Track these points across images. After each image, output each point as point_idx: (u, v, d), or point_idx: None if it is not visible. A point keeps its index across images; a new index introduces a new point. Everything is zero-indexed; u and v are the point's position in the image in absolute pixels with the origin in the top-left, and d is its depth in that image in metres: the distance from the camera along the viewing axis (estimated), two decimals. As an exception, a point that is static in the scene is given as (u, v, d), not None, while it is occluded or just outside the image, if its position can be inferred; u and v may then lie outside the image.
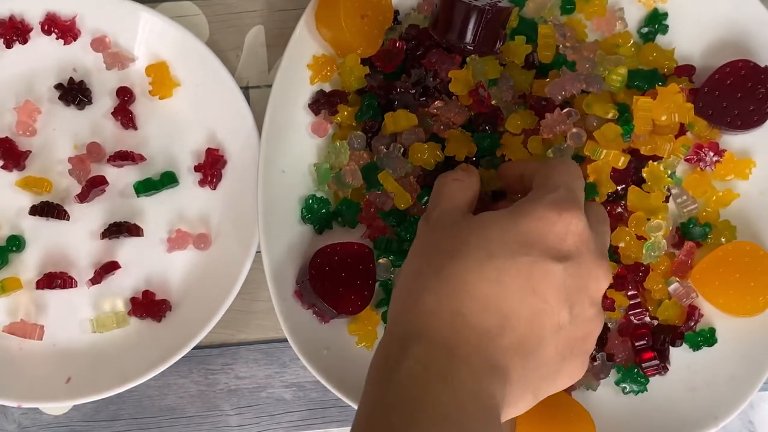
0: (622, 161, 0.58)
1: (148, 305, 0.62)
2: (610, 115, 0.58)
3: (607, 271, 0.44)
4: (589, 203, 0.47)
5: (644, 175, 0.59)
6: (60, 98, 0.63)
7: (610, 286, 0.59)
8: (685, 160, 0.61)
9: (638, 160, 0.60)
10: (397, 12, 0.62)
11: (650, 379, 0.60)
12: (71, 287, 0.62)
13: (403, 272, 0.45)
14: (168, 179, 0.63)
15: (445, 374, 0.39)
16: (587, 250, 0.43)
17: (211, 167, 0.63)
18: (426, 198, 0.58)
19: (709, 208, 0.62)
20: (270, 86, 0.60)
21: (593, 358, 0.60)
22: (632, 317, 0.60)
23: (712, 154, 0.61)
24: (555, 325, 0.42)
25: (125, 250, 0.63)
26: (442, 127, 0.59)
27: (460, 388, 0.39)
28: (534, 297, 0.40)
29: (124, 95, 0.63)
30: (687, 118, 0.59)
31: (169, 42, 0.63)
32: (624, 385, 0.60)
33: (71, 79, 0.63)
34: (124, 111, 0.63)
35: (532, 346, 0.41)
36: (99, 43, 0.63)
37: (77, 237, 0.63)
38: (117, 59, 0.63)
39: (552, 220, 0.42)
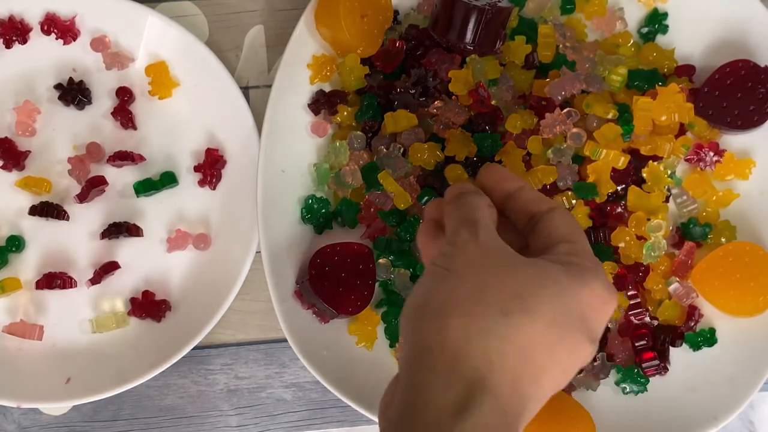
0: (622, 161, 0.58)
1: (148, 305, 0.62)
2: (610, 115, 0.58)
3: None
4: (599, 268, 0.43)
5: (644, 175, 0.59)
6: (59, 98, 0.63)
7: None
8: (685, 160, 0.61)
9: (638, 160, 0.60)
10: (397, 12, 0.62)
11: (650, 379, 0.60)
12: (71, 287, 0.62)
13: (451, 286, 0.39)
14: (167, 179, 0.63)
15: None
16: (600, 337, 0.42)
17: (211, 167, 0.63)
18: (426, 198, 0.58)
19: (709, 208, 0.62)
20: (270, 86, 0.60)
21: (593, 359, 0.60)
22: (632, 317, 0.60)
23: (712, 154, 0.61)
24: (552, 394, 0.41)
25: (125, 250, 0.63)
26: (442, 127, 0.59)
27: None
28: (563, 374, 0.39)
29: (124, 95, 0.63)
30: (687, 118, 0.59)
31: (168, 42, 0.63)
32: (624, 385, 0.60)
33: (71, 79, 0.63)
34: (123, 111, 0.63)
35: (534, 413, 0.40)
36: (98, 43, 0.63)
37: (77, 237, 0.63)
38: (116, 59, 0.63)
39: (605, 300, 0.40)
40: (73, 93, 0.63)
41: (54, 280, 0.61)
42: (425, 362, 0.38)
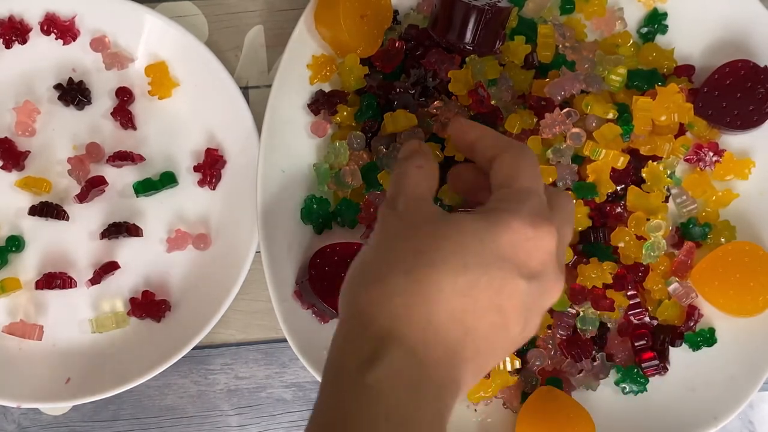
0: (621, 161, 0.58)
1: (148, 305, 0.62)
2: (609, 115, 0.58)
3: (562, 286, 0.44)
4: (557, 194, 0.45)
5: (644, 175, 0.59)
6: (59, 98, 0.63)
7: (610, 286, 0.59)
8: (685, 160, 0.61)
9: (638, 160, 0.60)
10: (396, 12, 0.62)
11: (650, 379, 0.60)
12: (71, 287, 0.62)
13: (366, 258, 0.42)
14: (167, 179, 0.63)
15: (415, 386, 0.39)
16: (551, 268, 0.42)
17: (211, 167, 0.63)
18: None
19: (708, 208, 0.62)
20: (270, 86, 0.60)
21: (593, 358, 0.60)
22: (632, 317, 0.60)
23: (711, 154, 0.61)
24: (509, 340, 0.42)
25: (125, 250, 0.63)
26: (442, 127, 0.59)
27: (425, 401, 0.39)
28: (497, 314, 0.40)
29: (124, 95, 0.63)
30: (687, 118, 0.59)
31: (168, 42, 0.63)
32: (624, 385, 0.60)
33: (70, 79, 0.63)
34: (123, 111, 0.63)
35: (485, 359, 0.41)
36: (98, 43, 0.63)
37: (77, 237, 0.63)
38: (116, 59, 0.63)
39: (528, 236, 0.41)
40: (73, 93, 0.63)
41: (54, 280, 0.61)
42: (342, 333, 0.41)
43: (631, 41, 0.62)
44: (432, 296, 0.39)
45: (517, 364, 0.59)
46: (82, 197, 0.62)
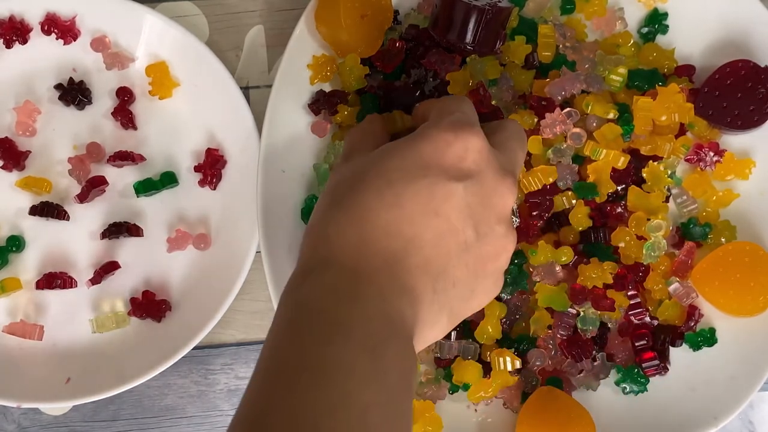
0: (622, 161, 0.58)
1: (148, 305, 0.62)
2: (610, 115, 0.58)
3: (511, 185, 0.44)
4: (504, 120, 0.48)
5: (644, 175, 0.59)
6: (60, 98, 0.63)
7: (610, 286, 0.59)
8: (685, 160, 0.61)
9: (638, 160, 0.60)
10: (397, 12, 0.62)
11: (650, 379, 0.60)
12: (71, 287, 0.62)
13: (312, 215, 0.45)
14: (168, 179, 0.63)
15: (353, 295, 0.39)
16: (488, 167, 0.43)
17: (211, 167, 0.63)
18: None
19: (709, 208, 0.62)
20: (270, 86, 0.60)
21: (593, 358, 0.60)
22: (632, 317, 0.60)
23: (712, 154, 0.61)
24: (461, 244, 0.42)
25: (125, 250, 0.63)
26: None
27: (369, 307, 0.39)
28: (436, 218, 0.41)
29: (124, 95, 0.63)
30: (687, 118, 0.59)
31: (168, 42, 0.63)
32: (624, 385, 0.60)
33: (71, 79, 0.63)
34: (123, 111, 0.63)
35: (439, 266, 0.42)
36: (99, 43, 0.63)
37: (77, 237, 0.63)
38: (117, 59, 0.63)
39: (449, 141, 0.42)
40: (74, 93, 0.63)
41: (54, 280, 0.61)
42: (295, 270, 0.43)
43: (632, 41, 0.62)
44: (362, 216, 0.41)
45: (518, 364, 0.59)
46: (82, 197, 0.62)
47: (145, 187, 0.62)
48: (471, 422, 0.60)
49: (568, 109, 0.58)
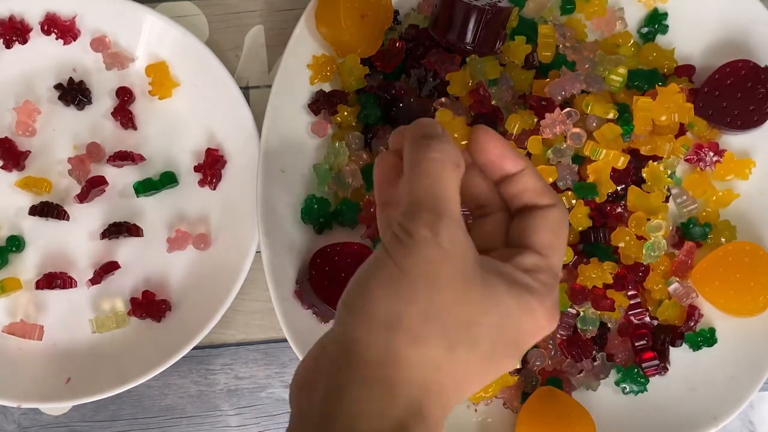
0: (622, 161, 0.58)
1: (148, 305, 0.62)
2: (610, 115, 0.58)
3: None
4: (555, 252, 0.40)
5: (644, 175, 0.59)
6: (60, 98, 0.63)
7: (610, 286, 0.59)
8: (685, 160, 0.61)
9: (638, 160, 0.60)
10: (397, 12, 0.62)
11: (650, 379, 0.60)
12: (71, 287, 0.62)
13: (400, 283, 0.35)
14: (168, 179, 0.63)
15: None
16: None
17: (211, 167, 0.63)
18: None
19: (709, 208, 0.62)
20: (270, 86, 0.60)
21: (593, 358, 0.60)
22: (632, 317, 0.60)
23: (712, 154, 0.61)
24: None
25: (125, 250, 0.63)
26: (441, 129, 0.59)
27: None
28: (483, 385, 0.39)
29: (124, 95, 0.63)
30: (687, 118, 0.59)
31: (168, 42, 0.63)
32: (624, 385, 0.60)
33: (71, 79, 0.63)
34: (123, 111, 0.63)
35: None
36: (99, 43, 0.63)
37: (77, 237, 0.63)
38: (117, 59, 0.63)
39: (542, 328, 0.38)
40: (73, 93, 0.63)
41: (54, 280, 0.61)
42: (359, 373, 0.35)
43: (632, 41, 0.62)
44: (461, 380, 0.36)
45: (518, 364, 0.59)
46: (82, 197, 0.62)
47: (145, 187, 0.62)
48: (471, 422, 0.60)
49: (568, 109, 0.58)
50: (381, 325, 0.35)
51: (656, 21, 0.63)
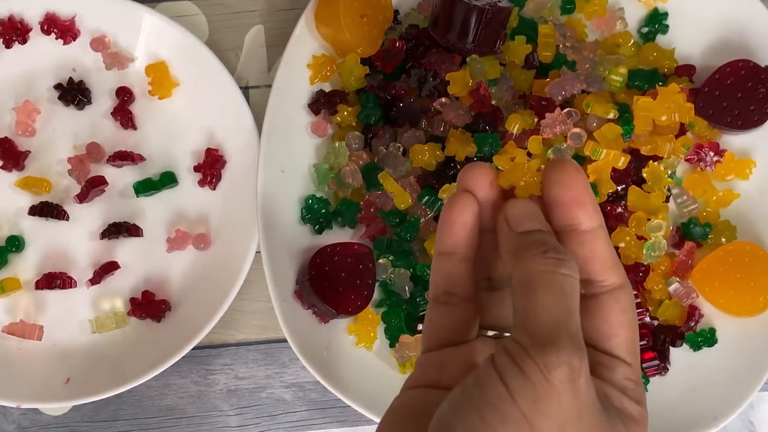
0: (622, 161, 0.58)
1: (148, 305, 0.62)
2: (610, 115, 0.58)
3: None
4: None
5: (644, 175, 0.59)
6: (59, 98, 0.63)
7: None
8: (685, 160, 0.61)
9: (638, 160, 0.60)
10: (397, 12, 0.61)
11: (650, 379, 0.60)
12: (71, 287, 0.62)
13: None
14: (167, 179, 0.63)
15: None
16: None
17: (211, 167, 0.63)
18: (426, 198, 0.58)
19: (709, 208, 0.62)
20: (270, 86, 0.60)
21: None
22: (632, 317, 0.60)
23: (712, 154, 0.61)
24: None
25: (125, 250, 0.63)
26: (441, 129, 0.59)
27: None
28: None
29: (124, 95, 0.63)
30: (687, 118, 0.59)
31: (168, 42, 0.63)
32: (624, 385, 0.60)
33: (71, 79, 0.63)
34: (123, 111, 0.63)
35: None
36: (98, 43, 0.63)
37: (77, 237, 0.63)
38: (116, 59, 0.63)
39: None
40: (73, 93, 0.63)
41: (54, 280, 0.61)
42: None
43: (632, 41, 0.62)
44: None
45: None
46: (82, 197, 0.62)
47: (145, 187, 0.62)
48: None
49: (568, 109, 0.58)
50: None
51: (656, 21, 0.63)
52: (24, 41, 0.63)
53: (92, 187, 0.61)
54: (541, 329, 0.27)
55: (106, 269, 0.62)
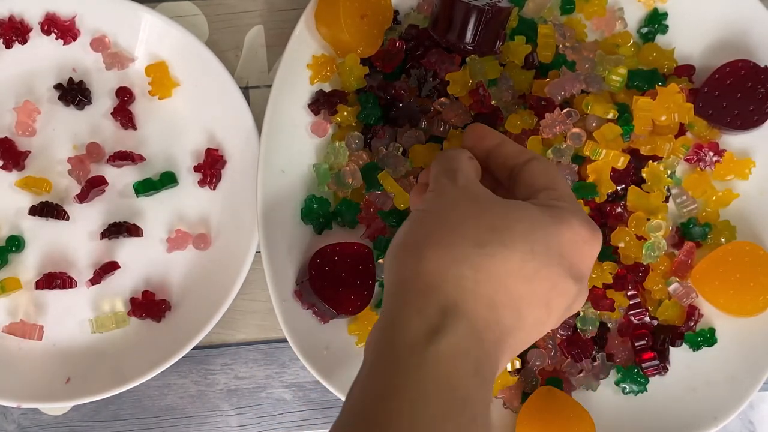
0: (622, 161, 0.58)
1: (148, 305, 0.62)
2: (610, 115, 0.58)
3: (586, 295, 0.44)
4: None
5: (644, 175, 0.59)
6: (59, 98, 0.63)
7: (610, 286, 0.59)
8: (685, 160, 0.61)
9: (638, 160, 0.60)
10: (397, 12, 0.62)
11: (650, 379, 0.60)
12: (71, 287, 0.62)
13: (426, 223, 0.41)
14: (167, 179, 0.63)
15: (477, 366, 0.37)
16: (588, 276, 0.43)
17: (211, 167, 0.63)
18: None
19: (708, 208, 0.62)
20: (270, 86, 0.60)
21: (593, 358, 0.60)
22: (632, 317, 0.60)
23: (712, 154, 0.61)
24: (538, 336, 0.42)
25: (125, 250, 0.63)
26: (441, 129, 0.59)
27: (484, 383, 0.38)
28: (546, 309, 0.40)
29: (124, 95, 0.63)
30: (687, 118, 0.59)
31: (168, 42, 0.63)
32: (624, 385, 0.60)
33: (71, 79, 0.63)
34: (123, 111, 0.63)
35: (521, 347, 0.41)
36: (98, 43, 0.63)
37: (77, 237, 0.63)
38: (116, 59, 0.63)
39: (585, 238, 0.41)
40: (73, 93, 0.63)
41: (54, 280, 0.61)
42: (401, 293, 0.39)
43: (632, 41, 0.62)
44: (501, 275, 0.38)
45: (518, 364, 0.59)
46: (82, 197, 0.62)
47: (145, 187, 0.62)
48: (471, 422, 0.60)
49: (567, 109, 0.58)
50: (411, 248, 0.40)
51: (656, 21, 0.63)
52: (24, 41, 0.63)
53: (92, 187, 0.61)
54: (430, 179, 0.45)
55: (106, 269, 0.62)
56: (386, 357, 0.38)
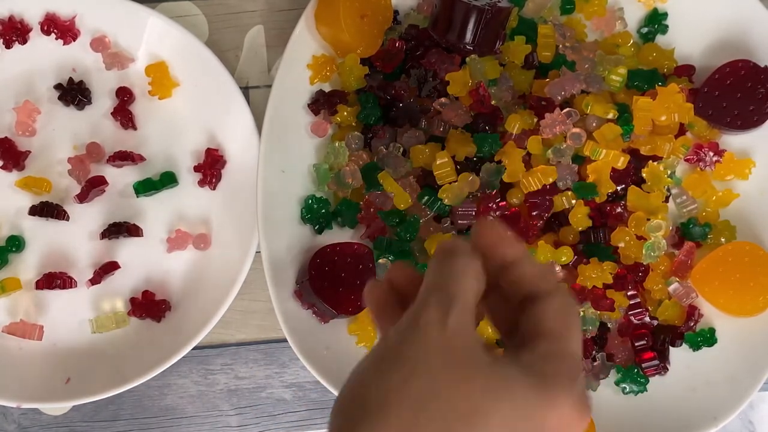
0: (621, 161, 0.58)
1: (148, 305, 0.62)
2: (610, 115, 0.58)
3: None
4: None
5: (644, 175, 0.59)
6: (59, 98, 0.63)
7: (610, 286, 0.59)
8: (685, 160, 0.61)
9: (638, 160, 0.60)
10: (397, 12, 0.62)
11: (650, 379, 0.60)
12: (71, 287, 0.62)
13: (390, 368, 0.34)
14: (167, 179, 0.63)
15: None
16: None
17: (211, 167, 0.63)
18: (426, 198, 0.58)
19: (708, 208, 0.62)
20: (270, 86, 0.60)
21: (593, 359, 0.60)
22: (632, 317, 0.60)
23: (712, 154, 0.61)
24: None
25: (125, 250, 0.63)
26: (441, 129, 0.59)
27: None
28: None
29: (124, 95, 0.63)
30: (687, 118, 0.59)
31: (168, 42, 0.63)
32: (624, 385, 0.60)
33: (71, 79, 0.63)
34: (123, 111, 0.63)
35: None
36: (98, 43, 0.63)
37: (77, 237, 0.63)
38: (116, 59, 0.63)
39: (571, 425, 0.36)
40: (73, 93, 0.63)
41: (54, 280, 0.61)
42: None
43: (632, 41, 0.62)
44: None
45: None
46: (82, 197, 0.62)
47: (145, 187, 0.62)
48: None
49: (567, 109, 0.58)
50: (372, 407, 0.32)
51: (656, 21, 0.63)
52: (24, 41, 0.63)
53: (92, 187, 0.61)
54: (422, 292, 0.35)
55: (106, 269, 0.62)
56: None
